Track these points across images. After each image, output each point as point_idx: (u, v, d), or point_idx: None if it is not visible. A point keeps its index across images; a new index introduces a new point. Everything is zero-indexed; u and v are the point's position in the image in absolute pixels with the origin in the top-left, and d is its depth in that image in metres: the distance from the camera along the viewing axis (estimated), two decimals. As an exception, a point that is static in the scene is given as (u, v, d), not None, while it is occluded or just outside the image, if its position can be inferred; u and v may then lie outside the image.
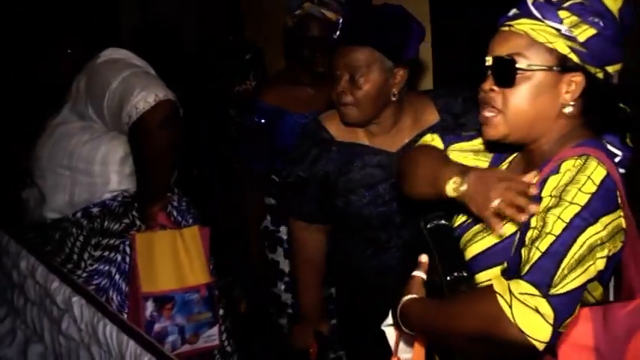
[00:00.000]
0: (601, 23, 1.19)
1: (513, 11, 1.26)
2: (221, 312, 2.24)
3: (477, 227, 1.33)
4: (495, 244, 1.28)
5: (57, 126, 2.17)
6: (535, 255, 1.09)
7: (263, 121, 2.48)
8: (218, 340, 2.17)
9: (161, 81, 2.09)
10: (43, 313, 2.12)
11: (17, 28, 2.35)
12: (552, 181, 1.15)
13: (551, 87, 1.22)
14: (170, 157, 2.10)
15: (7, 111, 3.61)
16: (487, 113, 1.28)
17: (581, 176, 1.14)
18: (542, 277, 1.07)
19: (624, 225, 1.17)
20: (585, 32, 1.19)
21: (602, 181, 1.13)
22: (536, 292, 1.05)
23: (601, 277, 1.18)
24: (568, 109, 1.23)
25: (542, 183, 1.17)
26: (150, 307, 2.07)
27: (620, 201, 1.16)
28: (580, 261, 1.09)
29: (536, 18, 1.21)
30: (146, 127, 1.98)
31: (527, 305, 1.04)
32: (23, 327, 2.31)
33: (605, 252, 1.13)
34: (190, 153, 2.50)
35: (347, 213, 1.89)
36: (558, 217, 1.10)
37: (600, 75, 1.21)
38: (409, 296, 1.30)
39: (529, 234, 1.12)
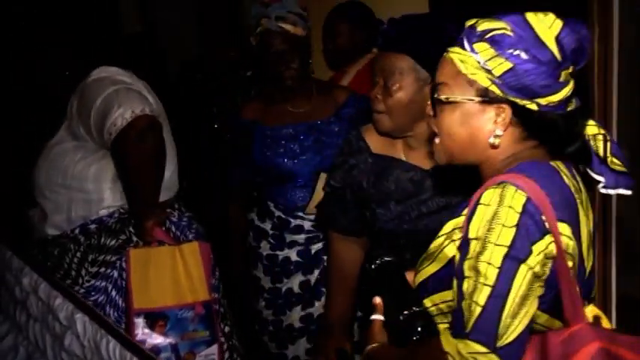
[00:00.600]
0: (522, 56, 1.15)
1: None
2: (227, 329, 2.22)
3: (423, 256, 1.34)
4: (439, 270, 1.29)
5: (53, 146, 2.20)
6: (476, 310, 1.11)
7: (239, 135, 2.51)
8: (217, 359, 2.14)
9: (142, 96, 2.10)
10: (46, 330, 2.12)
11: (15, 51, 2.37)
12: (476, 219, 1.15)
13: (477, 116, 1.22)
14: (152, 170, 2.09)
15: (15, 132, 3.63)
16: (433, 137, 1.32)
17: (501, 209, 1.13)
18: (487, 333, 1.10)
19: (554, 251, 1.14)
20: (500, 66, 1.17)
21: (524, 208, 1.12)
22: (484, 349, 1.09)
23: (540, 305, 1.17)
24: (492, 139, 1.21)
25: (470, 217, 1.17)
26: (141, 323, 2.06)
27: (547, 225, 1.13)
28: (521, 304, 1.11)
29: (463, 47, 1.22)
30: (125, 143, 2.00)
31: None
32: (25, 343, 2.31)
33: (542, 282, 1.14)
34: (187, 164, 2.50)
35: (374, 226, 1.85)
36: (489, 264, 1.11)
37: (532, 106, 1.18)
38: (373, 345, 1.34)
39: (465, 285, 1.14)
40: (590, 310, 1.22)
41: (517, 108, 1.19)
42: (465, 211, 1.21)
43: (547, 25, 1.17)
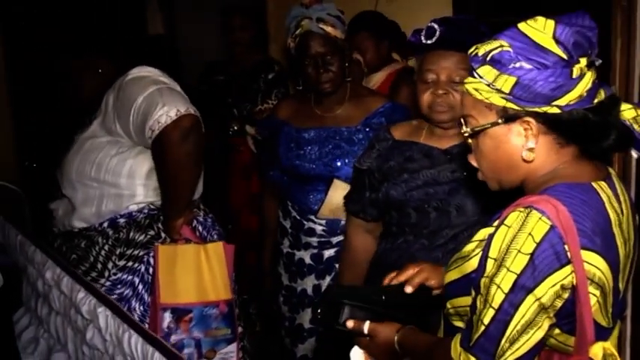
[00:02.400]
0: (525, 66, 1.15)
1: None
2: (240, 330, 2.25)
3: (455, 256, 1.35)
4: (464, 276, 1.30)
5: (86, 140, 2.22)
6: (480, 328, 1.15)
7: (267, 133, 2.55)
8: (236, 358, 2.18)
9: (185, 96, 2.13)
10: (67, 323, 2.16)
11: (51, 53, 2.42)
12: (497, 239, 1.16)
13: (506, 136, 1.22)
14: (192, 170, 2.12)
15: (41, 125, 3.69)
16: (478, 172, 1.33)
17: (521, 234, 1.13)
18: (485, 352, 1.15)
19: (574, 281, 1.13)
20: (507, 83, 1.17)
21: (544, 237, 1.12)
22: None
23: (560, 327, 1.19)
24: (526, 154, 1.21)
25: (492, 234, 1.18)
26: (168, 318, 2.10)
27: (569, 255, 1.12)
28: (522, 331, 1.13)
29: (473, 76, 1.23)
30: (168, 141, 2.01)
31: None
32: (46, 336, 2.35)
33: (550, 314, 1.14)
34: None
35: (386, 199, 1.93)
36: (498, 287, 1.13)
37: (554, 110, 1.17)
38: (392, 333, 1.42)
39: (478, 301, 1.18)
40: (604, 346, 1.20)
41: (541, 116, 1.18)
42: (496, 223, 1.21)
43: (540, 29, 1.16)
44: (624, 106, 1.28)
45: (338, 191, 2.33)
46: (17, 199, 2.95)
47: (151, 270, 2.17)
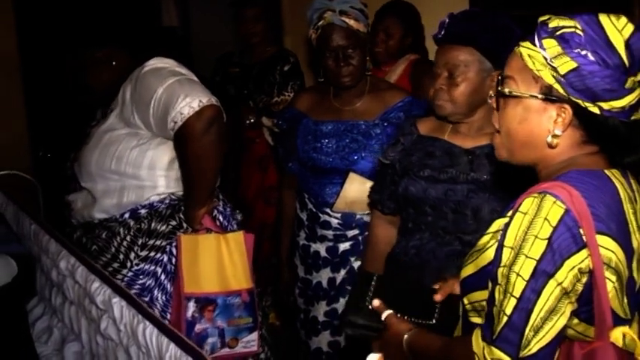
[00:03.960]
0: (589, 57, 1.13)
1: None
2: (260, 319, 2.25)
3: (472, 250, 1.34)
4: (479, 270, 1.29)
5: (104, 133, 2.21)
6: (502, 319, 1.14)
7: (285, 125, 2.54)
8: (257, 347, 2.19)
9: (205, 87, 2.12)
10: (82, 313, 2.15)
11: (65, 44, 2.41)
12: (513, 227, 1.15)
13: (538, 113, 1.20)
14: (215, 161, 2.12)
15: (55, 115, 3.69)
16: (494, 132, 1.31)
17: (537, 220, 1.12)
18: (511, 343, 1.13)
19: (591, 265, 1.13)
20: (565, 65, 1.15)
21: (560, 220, 1.11)
22: (508, 358, 1.13)
23: (578, 315, 1.17)
24: (550, 139, 1.20)
25: (508, 223, 1.17)
26: (192, 307, 2.10)
27: (585, 239, 1.12)
28: (546, 318, 1.11)
29: (533, 42, 1.20)
30: (191, 132, 2.01)
31: None
32: (60, 325, 2.34)
33: (572, 298, 1.14)
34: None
35: (405, 194, 1.94)
36: (518, 275, 1.12)
37: (595, 110, 1.16)
38: (404, 333, 1.42)
39: (497, 292, 1.16)
40: (624, 331, 1.19)
41: (579, 110, 1.17)
42: (510, 213, 1.20)
43: (618, 28, 1.15)
44: None
45: (354, 185, 2.32)
46: (31, 188, 2.95)
47: (173, 260, 2.17)
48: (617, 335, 1.17)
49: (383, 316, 1.48)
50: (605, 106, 1.15)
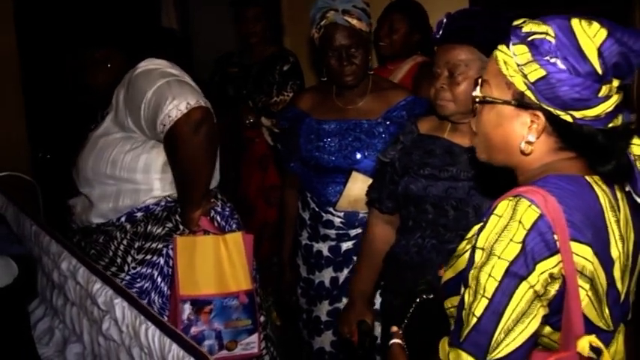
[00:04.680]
0: (559, 64, 1.10)
1: None
2: (262, 319, 2.25)
3: (452, 256, 1.33)
4: (457, 274, 1.28)
5: (99, 137, 2.21)
6: (472, 321, 1.11)
7: (287, 125, 2.53)
8: (257, 349, 2.18)
9: (195, 88, 2.11)
10: (83, 314, 2.14)
11: (63, 45, 2.40)
12: (487, 230, 1.14)
13: (512, 119, 1.19)
14: (206, 162, 2.11)
15: (54, 116, 3.68)
16: (472, 134, 1.30)
17: (512, 223, 1.11)
18: (478, 346, 1.10)
19: (563, 271, 1.10)
20: (534, 72, 1.12)
21: (534, 224, 1.09)
22: None
23: (548, 323, 1.16)
24: (524, 146, 1.18)
25: (482, 226, 1.16)
26: (187, 309, 2.09)
27: (558, 245, 1.10)
28: (518, 321, 1.09)
29: (508, 47, 1.18)
30: (180, 134, 2.00)
31: None
32: (62, 327, 2.34)
33: (544, 302, 1.12)
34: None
35: (406, 193, 1.94)
36: (489, 276, 1.10)
37: (567, 118, 1.13)
38: None
39: (466, 295, 1.13)
40: (590, 340, 1.16)
41: (552, 117, 1.15)
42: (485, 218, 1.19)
43: (590, 35, 1.11)
44: (636, 141, 1.25)
45: (357, 184, 2.32)
46: (31, 189, 2.94)
47: (170, 262, 2.16)
48: (584, 344, 1.14)
49: (390, 342, 1.47)
50: (577, 114, 1.13)
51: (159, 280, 2.16)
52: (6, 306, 2.12)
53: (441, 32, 1.83)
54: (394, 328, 1.48)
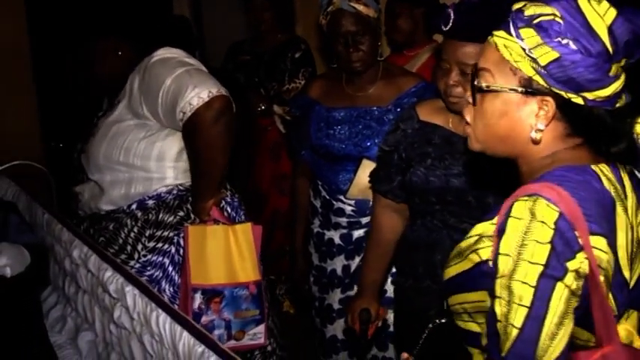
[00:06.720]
0: (571, 45, 1.07)
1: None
2: (266, 310, 2.23)
3: (454, 252, 1.28)
4: (465, 271, 1.23)
5: (112, 124, 2.19)
6: (512, 332, 1.05)
7: (298, 113, 2.52)
8: (264, 339, 2.17)
9: (214, 77, 2.09)
10: (95, 302, 2.15)
11: (74, 34, 2.40)
12: (508, 234, 1.08)
13: (519, 107, 1.14)
14: (223, 152, 2.10)
15: (66, 105, 3.68)
16: (465, 123, 1.24)
17: (534, 224, 1.06)
18: (525, 356, 1.04)
19: (587, 269, 1.06)
20: (546, 56, 1.08)
21: (556, 224, 1.05)
22: None
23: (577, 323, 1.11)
24: (534, 134, 1.13)
25: (501, 230, 1.10)
26: (198, 299, 2.09)
27: (581, 242, 1.06)
28: (559, 323, 1.05)
29: (509, 32, 1.13)
30: (200, 123, 1.99)
31: None
32: (74, 314, 2.34)
33: (577, 299, 1.08)
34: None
35: (410, 185, 1.91)
36: (524, 283, 1.05)
37: (579, 100, 1.10)
38: None
39: (498, 306, 1.08)
40: (624, 329, 1.15)
41: (562, 101, 1.11)
42: (496, 220, 1.14)
43: (600, 14, 1.08)
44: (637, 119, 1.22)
45: (367, 171, 2.29)
46: (44, 178, 2.95)
47: (181, 251, 2.15)
48: (622, 333, 1.12)
49: None
50: (590, 96, 1.09)
51: (169, 268, 2.16)
52: (19, 294, 2.13)
53: (450, 25, 1.73)
54: (405, 355, 1.42)
